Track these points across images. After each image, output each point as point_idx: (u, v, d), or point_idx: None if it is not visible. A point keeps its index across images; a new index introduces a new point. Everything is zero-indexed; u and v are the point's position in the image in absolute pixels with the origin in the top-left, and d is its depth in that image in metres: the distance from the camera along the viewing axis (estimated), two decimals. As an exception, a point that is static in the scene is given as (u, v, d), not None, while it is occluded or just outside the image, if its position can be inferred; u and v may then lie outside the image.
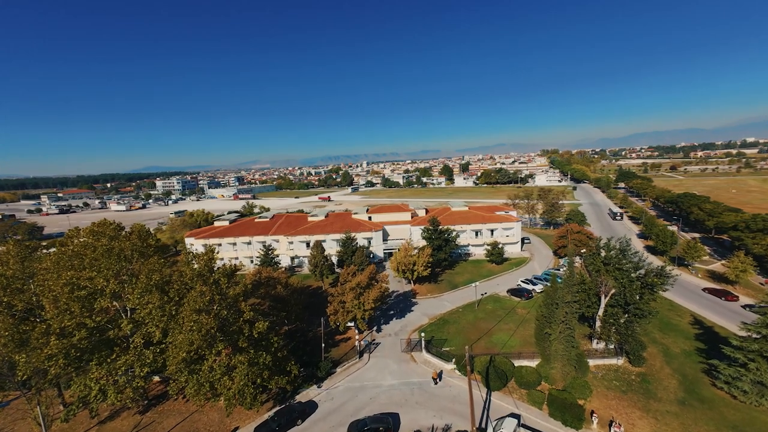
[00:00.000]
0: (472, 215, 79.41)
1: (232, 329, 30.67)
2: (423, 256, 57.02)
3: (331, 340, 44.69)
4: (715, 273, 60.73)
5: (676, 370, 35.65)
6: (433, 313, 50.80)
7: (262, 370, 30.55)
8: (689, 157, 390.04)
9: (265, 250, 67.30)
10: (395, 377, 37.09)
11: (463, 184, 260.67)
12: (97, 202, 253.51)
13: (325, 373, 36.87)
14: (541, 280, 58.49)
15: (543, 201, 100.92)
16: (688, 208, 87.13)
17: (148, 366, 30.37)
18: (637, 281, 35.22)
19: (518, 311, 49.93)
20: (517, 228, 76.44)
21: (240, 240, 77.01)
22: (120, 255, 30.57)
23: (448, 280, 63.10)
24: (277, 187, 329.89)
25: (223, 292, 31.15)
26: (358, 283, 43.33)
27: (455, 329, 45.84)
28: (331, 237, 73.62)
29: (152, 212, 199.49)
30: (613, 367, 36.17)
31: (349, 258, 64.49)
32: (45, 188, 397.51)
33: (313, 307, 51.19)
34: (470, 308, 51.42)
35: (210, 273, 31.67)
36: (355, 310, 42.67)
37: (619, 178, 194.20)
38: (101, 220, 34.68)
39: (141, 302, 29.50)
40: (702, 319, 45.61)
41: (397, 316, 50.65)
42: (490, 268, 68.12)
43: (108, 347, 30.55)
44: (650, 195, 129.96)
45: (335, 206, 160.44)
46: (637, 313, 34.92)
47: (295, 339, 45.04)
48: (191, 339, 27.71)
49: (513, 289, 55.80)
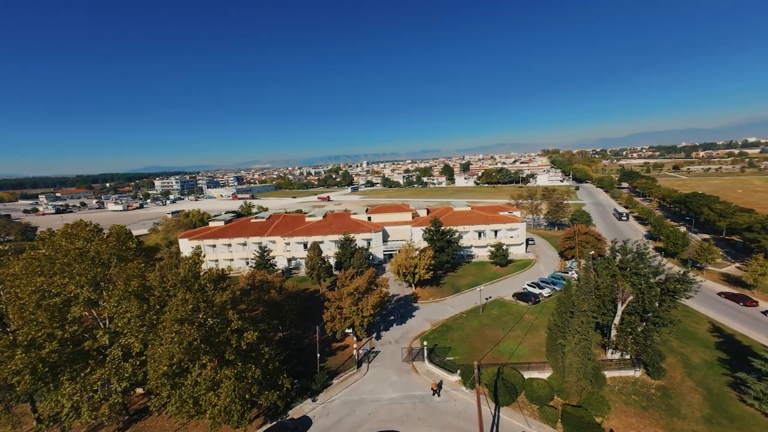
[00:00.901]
0: (475, 216, 76.84)
1: (219, 340, 28.13)
2: (425, 258, 54.49)
3: (327, 348, 42.13)
4: (729, 276, 58.14)
5: (699, 383, 33.08)
6: (435, 319, 48.24)
7: (250, 384, 28.00)
8: (691, 157, 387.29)
9: (261, 252, 64.88)
10: (396, 390, 34.54)
11: (464, 183, 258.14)
12: (95, 202, 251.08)
13: (320, 385, 34.31)
14: (548, 284, 55.94)
15: (547, 201, 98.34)
16: (697, 209, 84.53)
17: (127, 380, 27.87)
18: (657, 287, 32.63)
19: (525, 317, 47.37)
20: (522, 229, 73.88)
21: (235, 241, 74.49)
22: (96, 259, 28.02)
23: (450, 283, 60.54)
24: (277, 186, 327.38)
25: (209, 300, 28.65)
26: (357, 287, 40.77)
27: (459, 336, 43.28)
28: (329, 238, 71.10)
29: (149, 212, 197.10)
30: (630, 380, 33.61)
31: (347, 260, 61.99)
32: (44, 188, 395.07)
33: (310, 312, 48.70)
34: (475, 313, 48.87)
35: (195, 279, 29.16)
36: (353, 316, 40.15)
37: (623, 178, 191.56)
38: (77, 221, 32.12)
39: (118, 311, 26.97)
40: (721, 326, 43.02)
41: (397, 322, 48.10)
42: (494, 270, 65.56)
43: (84, 360, 28.02)
44: (656, 195, 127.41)
45: (334, 206, 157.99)
46: (657, 321, 32.37)
47: (290, 347, 42.54)
48: (171, 352, 25.20)
49: (519, 293, 53.20)
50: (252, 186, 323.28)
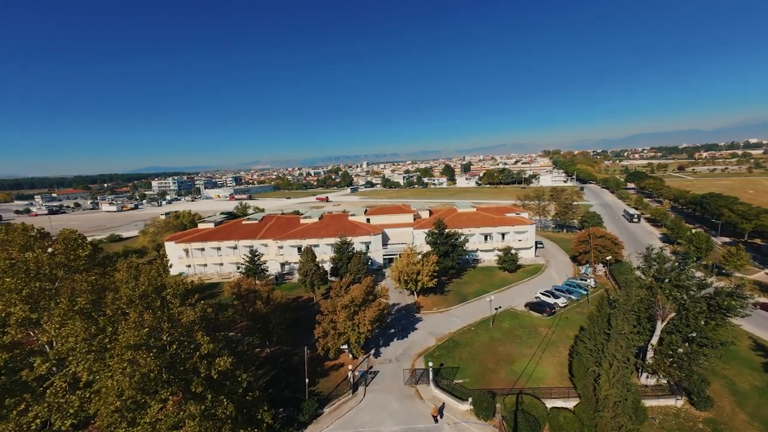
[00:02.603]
0: (481, 217, 72.03)
1: (185, 368, 23.38)
2: (428, 264, 49.69)
3: (319, 368, 37.30)
4: (761, 284, 53.29)
5: (754, 415, 28.23)
6: (440, 332, 43.42)
7: (222, 422, 23.24)
8: (693, 158, 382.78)
9: (251, 257, 60.05)
10: (397, 420, 29.70)
11: (465, 184, 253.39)
12: (89, 203, 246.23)
13: (308, 416, 29.48)
14: (563, 292, 51.08)
15: (556, 202, 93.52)
16: (716, 210, 79.66)
17: (73, 416, 23.08)
18: (703, 302, 27.86)
19: (540, 330, 42.54)
20: (532, 231, 69.07)
21: (225, 244, 69.65)
22: (32, 272, 23.27)
23: (456, 290, 55.71)
24: (275, 187, 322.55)
25: (174, 319, 23.90)
26: (353, 299, 35.96)
27: (468, 354, 38.44)
28: (324, 241, 66.31)
29: (144, 213, 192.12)
30: (671, 411, 28.80)
31: (344, 265, 57.18)
32: (42, 189, 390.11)
33: (303, 323, 43.95)
34: (484, 326, 44.06)
35: (157, 293, 24.39)
36: (349, 332, 35.35)
37: (629, 179, 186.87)
38: (18, 224, 27.39)
39: (60, 333, 22.22)
40: (765, 343, 38.19)
41: (398, 336, 43.27)
42: (502, 276, 60.73)
43: (22, 392, 23.24)
44: (666, 195, 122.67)
45: (333, 207, 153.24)
46: (704, 342, 27.57)
47: (277, 366, 37.73)
48: (121, 387, 20.46)
49: (532, 303, 48.35)
50: (250, 186, 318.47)
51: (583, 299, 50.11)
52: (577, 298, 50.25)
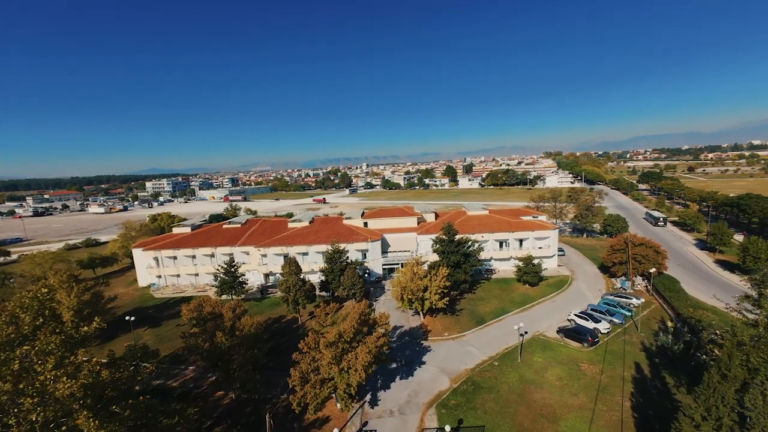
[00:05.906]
0: (495, 221, 62.77)
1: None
2: (437, 279, 40.41)
3: (296, 423, 28.04)
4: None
5: None
6: (455, 369, 34.11)
7: None
8: (699, 159, 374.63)
9: (227, 267, 50.88)
10: None
11: (468, 185, 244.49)
12: (78, 204, 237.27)
13: None
14: (602, 313, 41.79)
15: (575, 204, 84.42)
16: (760, 212, 70.52)
17: None
18: None
19: (584, 368, 33.24)
20: (554, 237, 59.81)
21: (201, 252, 60.38)
22: None
23: (470, 309, 46.38)
24: (272, 188, 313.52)
25: (44, 391, 14.77)
26: (340, 334, 26.75)
27: (494, 403, 29.13)
28: (314, 248, 57.11)
29: (133, 215, 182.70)
30: None
31: (336, 278, 48.01)
32: (37, 189, 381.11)
33: (284, 352, 34.66)
34: (510, 360, 34.77)
35: (14, 347, 15.25)
36: (336, 378, 26.15)
37: (642, 179, 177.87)
38: None
39: None
40: None
41: (401, 374, 33.90)
42: (523, 291, 51.43)
43: None
44: (689, 196, 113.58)
45: (330, 209, 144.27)
46: None
47: (241, 421, 28.46)
48: None
49: (567, 329, 38.95)
50: (246, 188, 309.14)
51: (629, 322, 40.91)
52: (621, 321, 40.95)
